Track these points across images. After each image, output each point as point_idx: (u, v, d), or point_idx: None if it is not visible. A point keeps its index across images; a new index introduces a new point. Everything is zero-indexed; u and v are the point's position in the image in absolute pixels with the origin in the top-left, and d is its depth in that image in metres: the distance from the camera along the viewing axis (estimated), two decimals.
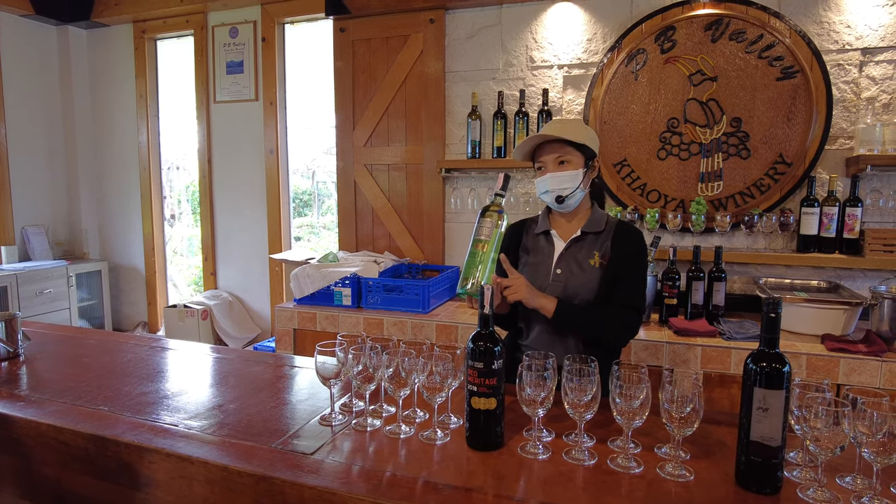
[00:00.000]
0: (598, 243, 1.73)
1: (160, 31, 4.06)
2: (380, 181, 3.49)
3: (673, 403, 1.11)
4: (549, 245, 1.78)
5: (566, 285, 1.70)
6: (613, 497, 1.04)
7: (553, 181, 1.68)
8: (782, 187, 2.72)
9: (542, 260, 1.76)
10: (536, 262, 1.77)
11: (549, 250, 1.77)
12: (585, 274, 1.70)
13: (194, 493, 1.19)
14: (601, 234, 1.74)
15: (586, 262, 1.71)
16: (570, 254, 1.74)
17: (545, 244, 1.79)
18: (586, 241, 1.74)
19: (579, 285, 1.69)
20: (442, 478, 1.10)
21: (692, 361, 2.32)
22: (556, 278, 1.72)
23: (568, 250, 1.74)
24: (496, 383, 1.19)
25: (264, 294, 3.98)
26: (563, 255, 1.74)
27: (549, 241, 1.79)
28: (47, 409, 1.43)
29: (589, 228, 1.74)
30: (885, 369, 2.11)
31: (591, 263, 1.71)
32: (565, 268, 1.72)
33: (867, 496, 1.01)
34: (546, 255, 1.77)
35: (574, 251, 1.74)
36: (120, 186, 4.35)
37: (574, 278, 1.70)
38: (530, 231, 1.84)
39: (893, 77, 2.57)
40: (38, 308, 3.79)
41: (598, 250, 1.72)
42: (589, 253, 1.72)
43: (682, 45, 2.80)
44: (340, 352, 1.32)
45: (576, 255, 1.73)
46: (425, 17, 3.26)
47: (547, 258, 1.76)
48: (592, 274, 1.70)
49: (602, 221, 1.75)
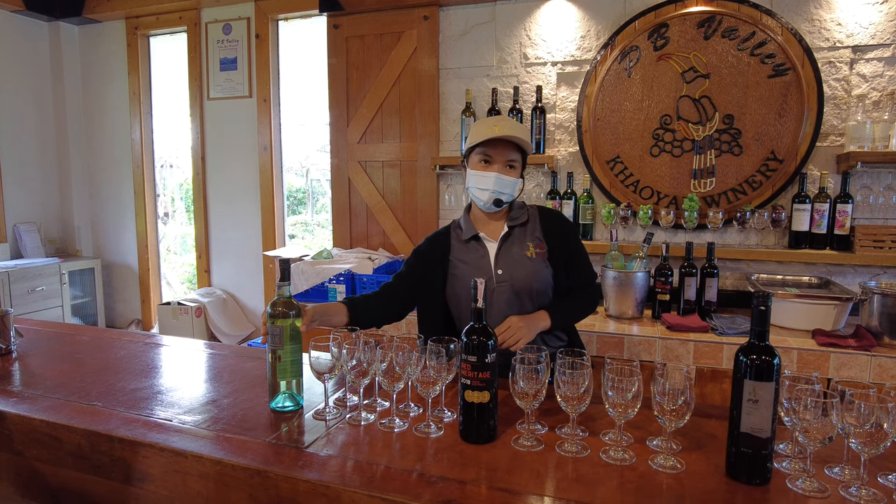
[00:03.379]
0: (527, 234, 1.75)
1: (153, 27, 4.04)
2: (374, 178, 3.49)
3: (664, 396, 1.12)
4: (481, 248, 1.75)
5: (512, 283, 1.69)
6: (606, 489, 1.05)
7: (498, 182, 1.65)
8: (774, 184, 2.73)
9: (478, 264, 1.73)
10: (471, 269, 1.72)
11: (482, 253, 1.74)
12: (525, 267, 1.70)
13: (188, 488, 1.19)
14: (526, 224, 1.76)
15: (523, 256, 1.71)
16: (504, 251, 1.73)
17: (476, 248, 1.76)
18: (515, 235, 1.75)
19: (524, 279, 1.69)
20: (436, 471, 1.10)
21: (685, 357, 2.34)
22: (499, 279, 1.70)
23: (501, 249, 1.73)
24: (489, 377, 1.20)
25: (258, 291, 3.97)
26: (499, 255, 1.72)
27: (479, 244, 1.76)
28: (40, 405, 1.42)
29: (514, 222, 1.75)
30: (874, 364, 2.13)
31: (527, 255, 1.71)
32: (505, 266, 1.71)
33: (855, 486, 1.03)
34: (481, 259, 1.73)
35: (507, 248, 1.73)
36: (113, 184, 4.32)
37: (517, 274, 1.69)
38: (456, 238, 1.80)
39: (883, 74, 2.59)
40: (30, 306, 3.77)
41: (530, 241, 1.73)
42: (522, 245, 1.73)
43: (674, 42, 2.81)
44: (335, 347, 1.32)
45: (510, 251, 1.73)
46: (419, 14, 3.26)
47: (482, 261, 1.73)
48: (534, 265, 1.70)
49: (523, 212, 1.78)
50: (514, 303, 1.69)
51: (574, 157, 3.08)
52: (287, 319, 1.37)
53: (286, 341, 1.37)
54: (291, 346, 1.38)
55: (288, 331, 1.37)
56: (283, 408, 1.39)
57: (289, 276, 1.41)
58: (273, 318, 1.37)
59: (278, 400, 1.40)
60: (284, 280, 1.40)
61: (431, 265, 1.77)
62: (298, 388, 1.41)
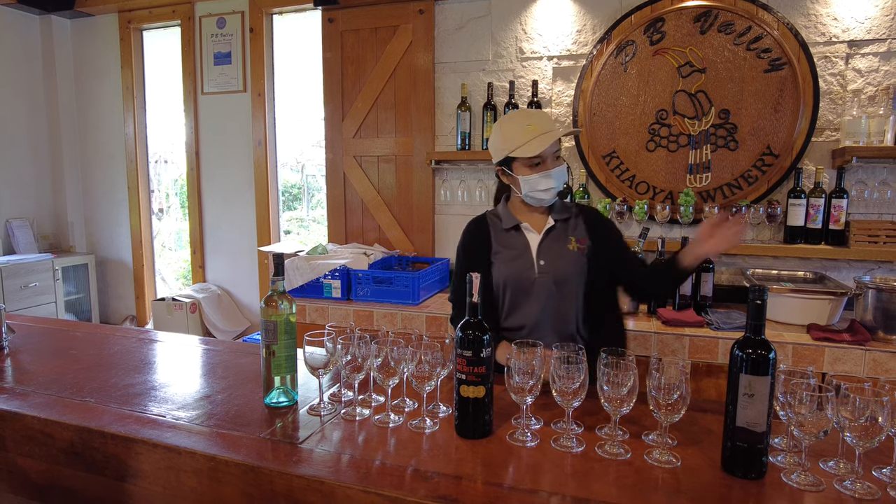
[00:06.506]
0: (569, 229, 1.77)
1: (146, 21, 4.00)
2: (369, 173, 3.47)
3: (660, 391, 1.12)
4: (522, 238, 1.77)
5: (554, 275, 1.71)
6: (601, 484, 1.04)
7: (556, 179, 1.69)
8: (770, 179, 2.73)
9: (520, 254, 1.75)
10: (514, 257, 1.75)
11: (523, 243, 1.76)
12: (566, 260, 1.73)
13: (182, 484, 1.18)
14: (569, 219, 1.79)
15: (565, 249, 1.74)
16: (547, 244, 1.75)
17: (517, 238, 1.77)
18: (557, 229, 1.77)
19: (565, 272, 1.72)
20: (431, 466, 1.10)
21: (680, 351, 2.34)
22: (541, 269, 1.72)
23: (544, 241, 1.75)
24: (485, 371, 1.20)
25: (253, 287, 3.95)
26: (541, 247, 1.74)
27: (519, 234, 1.78)
28: (32, 402, 1.41)
29: (559, 216, 1.77)
30: (868, 358, 2.14)
31: (569, 249, 1.74)
32: (547, 258, 1.73)
33: (849, 479, 1.03)
34: (523, 249, 1.75)
35: (550, 241, 1.75)
36: (106, 179, 4.29)
37: (559, 267, 1.72)
38: (495, 226, 1.81)
39: (879, 69, 2.59)
40: (23, 302, 3.75)
41: (573, 235, 1.76)
42: (565, 240, 1.75)
43: (671, 36, 2.80)
44: (329, 342, 1.32)
45: (553, 244, 1.75)
46: (415, 8, 3.24)
47: (525, 252, 1.75)
48: (575, 258, 1.73)
49: (567, 208, 1.81)
50: (554, 293, 1.71)
51: (570, 152, 3.07)
52: (281, 314, 1.36)
53: (280, 336, 1.36)
54: (286, 341, 1.37)
55: (282, 326, 1.36)
56: (277, 403, 1.39)
57: (282, 270, 1.40)
58: (267, 313, 1.36)
59: (272, 395, 1.39)
60: (278, 275, 1.39)
61: (478, 253, 1.78)
62: (293, 383, 1.41)
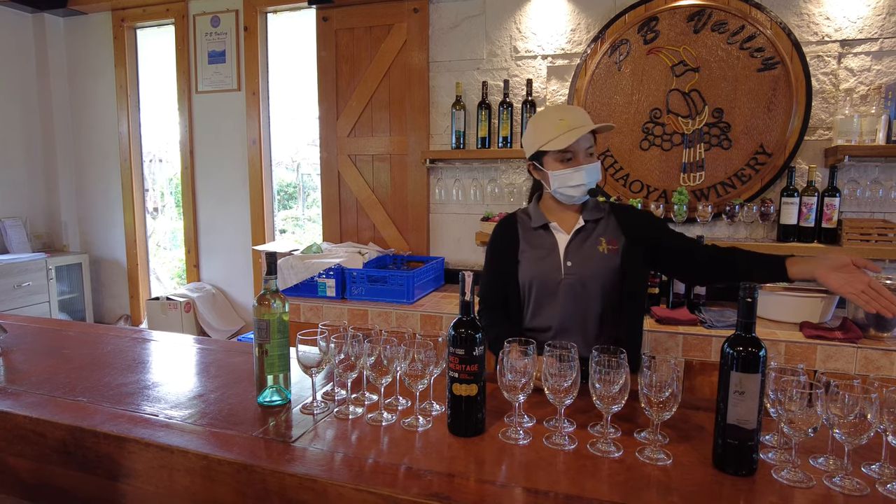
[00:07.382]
0: (600, 230, 1.71)
1: (140, 19, 3.99)
2: (364, 172, 3.47)
3: (652, 388, 1.13)
4: (551, 238, 1.73)
5: (580, 276, 1.67)
6: (593, 481, 1.05)
7: (587, 176, 1.62)
8: (763, 177, 2.75)
9: (547, 254, 1.71)
10: (541, 257, 1.71)
11: (551, 243, 1.72)
12: (595, 262, 1.67)
13: (175, 483, 1.18)
14: (601, 220, 1.73)
15: (594, 251, 1.68)
16: (576, 245, 1.70)
17: (546, 237, 1.73)
18: (588, 229, 1.71)
19: (592, 275, 1.66)
20: (424, 464, 1.10)
21: (674, 349, 2.35)
22: (568, 271, 1.68)
23: (572, 242, 1.70)
24: (477, 370, 1.20)
25: (248, 286, 3.95)
26: (570, 247, 1.70)
27: (548, 233, 1.73)
28: (24, 401, 1.41)
29: (590, 217, 1.71)
30: (860, 356, 2.15)
31: (599, 250, 1.68)
32: (575, 259, 1.68)
33: (839, 476, 1.04)
34: (550, 249, 1.71)
35: (579, 242, 1.70)
36: (100, 178, 4.27)
37: (587, 269, 1.67)
38: (524, 225, 1.78)
39: (871, 69, 2.61)
40: (16, 301, 3.73)
41: (603, 236, 1.69)
42: (595, 241, 1.69)
43: (664, 35, 2.81)
44: (322, 340, 1.32)
45: (581, 245, 1.70)
46: (409, 7, 3.23)
47: (552, 252, 1.71)
48: (605, 260, 1.67)
49: (599, 208, 1.74)
50: (581, 295, 1.67)
51: None
52: (274, 313, 1.36)
53: (273, 335, 1.36)
54: (278, 340, 1.37)
55: (275, 325, 1.36)
56: (270, 402, 1.39)
57: (275, 269, 1.40)
58: (260, 312, 1.36)
59: (266, 394, 1.39)
60: (271, 273, 1.38)
61: (506, 252, 1.76)
62: (286, 382, 1.41)
